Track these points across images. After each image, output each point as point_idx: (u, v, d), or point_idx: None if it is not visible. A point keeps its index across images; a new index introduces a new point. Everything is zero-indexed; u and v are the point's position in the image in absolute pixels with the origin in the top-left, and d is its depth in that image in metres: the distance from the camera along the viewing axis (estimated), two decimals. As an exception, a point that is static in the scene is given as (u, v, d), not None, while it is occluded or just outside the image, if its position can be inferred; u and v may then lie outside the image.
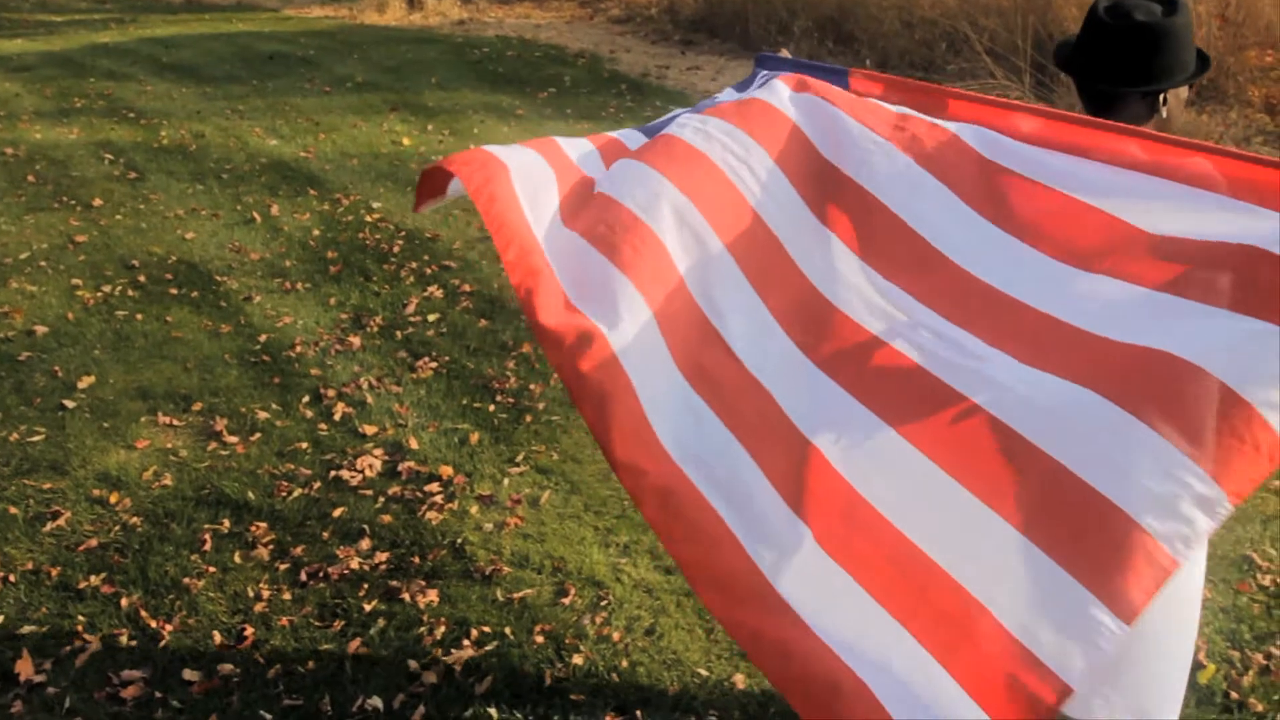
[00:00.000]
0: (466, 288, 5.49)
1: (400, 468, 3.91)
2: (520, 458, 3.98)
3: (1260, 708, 2.85)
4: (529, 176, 2.00)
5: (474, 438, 4.11)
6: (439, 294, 5.42)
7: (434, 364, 4.69)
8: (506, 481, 3.85)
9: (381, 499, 3.73)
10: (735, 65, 11.98)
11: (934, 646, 1.59)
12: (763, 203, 2.02)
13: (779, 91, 2.19)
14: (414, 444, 4.05)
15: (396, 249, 6.05)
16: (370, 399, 4.39)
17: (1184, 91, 2.14)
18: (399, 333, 5.00)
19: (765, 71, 2.34)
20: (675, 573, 3.34)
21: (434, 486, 3.80)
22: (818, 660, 1.59)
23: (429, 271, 5.72)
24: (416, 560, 3.42)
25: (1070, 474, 1.59)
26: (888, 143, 2.03)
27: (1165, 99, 2.10)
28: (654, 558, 3.42)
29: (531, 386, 4.48)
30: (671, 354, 1.84)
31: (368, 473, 3.88)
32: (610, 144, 2.22)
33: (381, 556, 3.43)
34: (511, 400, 4.39)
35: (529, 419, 4.24)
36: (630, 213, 1.94)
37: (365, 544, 3.49)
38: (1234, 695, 2.88)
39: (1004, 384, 1.72)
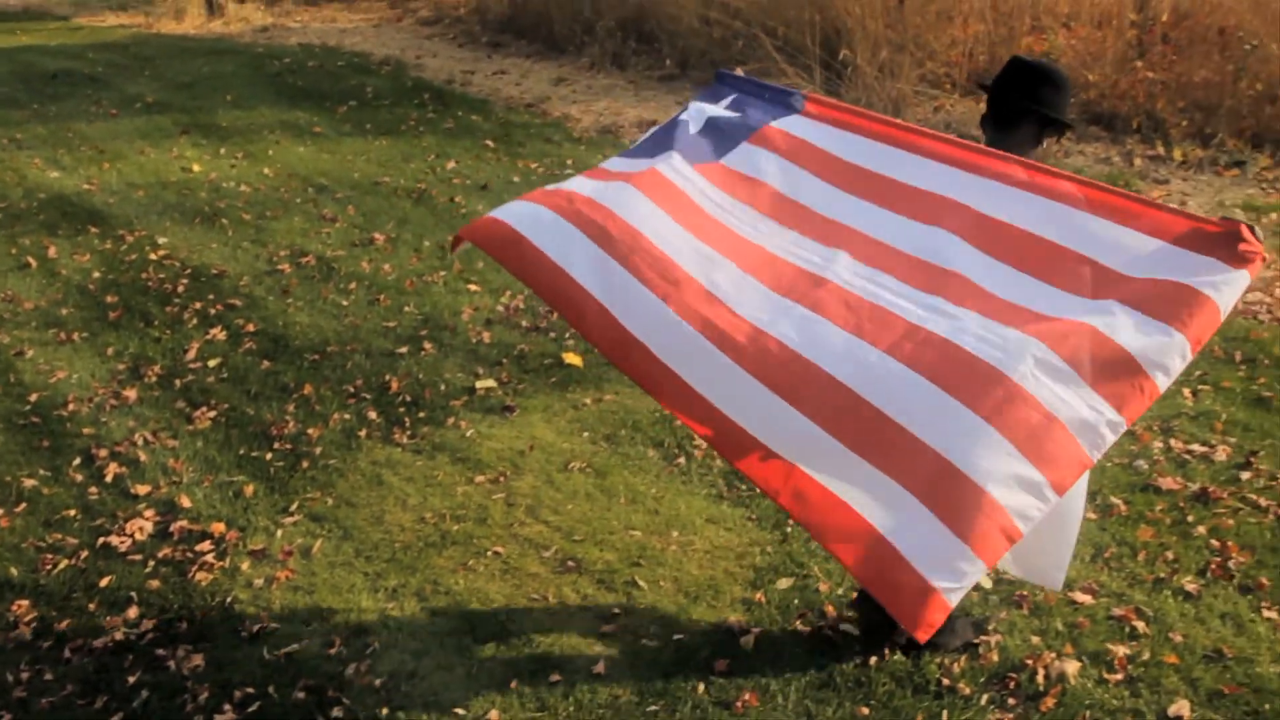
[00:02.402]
0: (250, 327, 5.49)
1: (172, 528, 3.94)
2: (294, 506, 4.06)
3: (968, 690, 3.19)
4: (549, 233, 2.64)
5: (249, 490, 4.16)
6: (222, 336, 5.41)
7: (213, 413, 4.70)
8: (280, 533, 3.92)
9: (151, 563, 3.76)
10: (540, 68, 12.09)
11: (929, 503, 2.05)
12: (740, 221, 2.66)
13: (752, 157, 2.78)
14: (187, 502, 4.08)
15: (181, 288, 5.99)
16: (144, 456, 4.38)
17: (1046, 142, 2.94)
18: (178, 381, 4.98)
19: (728, 90, 2.98)
20: (440, 614, 3.50)
21: (206, 545, 3.84)
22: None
23: (213, 312, 5.68)
24: (184, 625, 3.47)
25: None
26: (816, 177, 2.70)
27: (1044, 141, 2.89)
28: (420, 599, 3.57)
29: (310, 431, 4.54)
30: (695, 328, 2.43)
31: (138, 536, 3.90)
32: (616, 177, 2.82)
33: (149, 624, 3.47)
34: (289, 446, 4.45)
35: (306, 465, 4.32)
36: (648, 240, 2.55)
37: (133, 612, 3.52)
38: (945, 681, 3.21)
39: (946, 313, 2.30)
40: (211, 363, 5.13)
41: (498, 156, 8.53)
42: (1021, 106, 2.86)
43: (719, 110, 2.91)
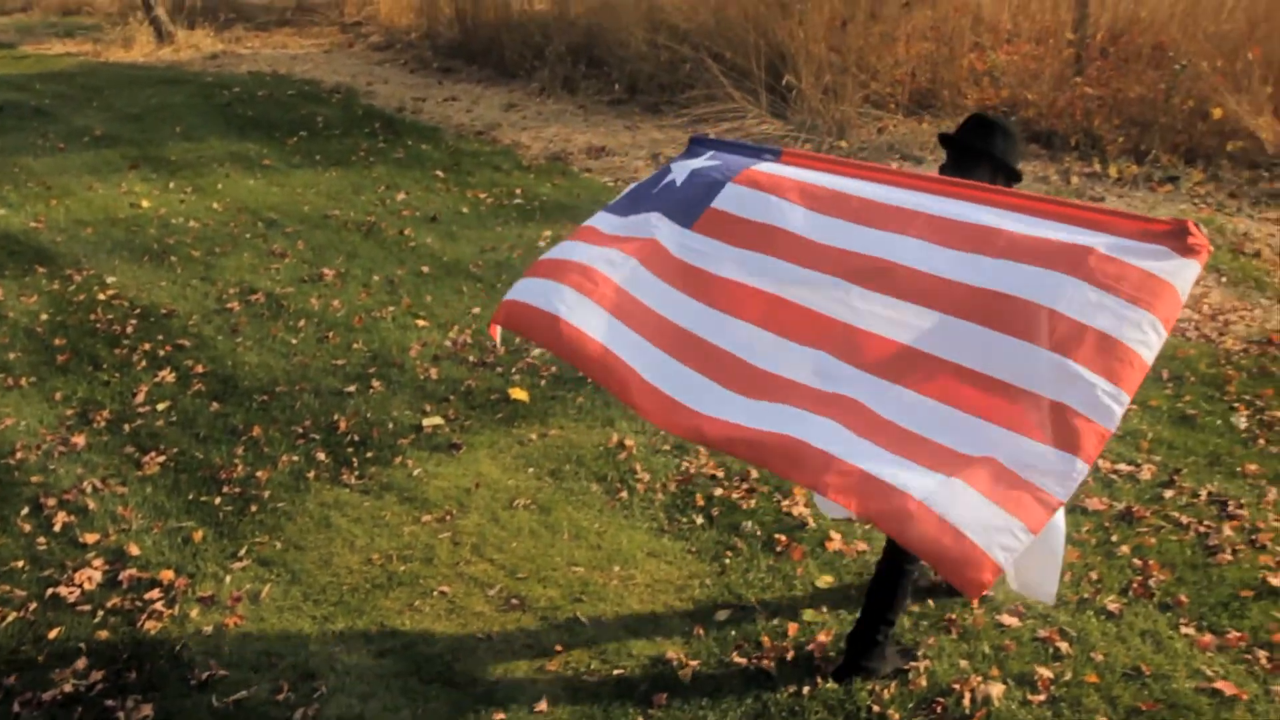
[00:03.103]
0: (200, 368, 5.54)
1: (121, 576, 3.98)
2: (243, 551, 4.12)
3: (897, 716, 3.31)
4: (558, 303, 2.88)
5: (197, 535, 4.21)
6: (171, 378, 5.45)
7: (161, 457, 4.75)
8: (228, 579, 3.98)
9: (100, 613, 3.81)
10: (491, 94, 12.18)
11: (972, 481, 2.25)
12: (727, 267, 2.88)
13: (739, 195, 2.97)
14: (135, 550, 4.13)
15: (130, 329, 6.02)
16: (93, 504, 4.42)
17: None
18: (127, 425, 5.02)
19: (703, 148, 3.22)
20: (387, 655, 3.57)
21: (155, 593, 3.89)
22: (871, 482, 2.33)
23: (162, 353, 5.72)
24: (134, 674, 3.52)
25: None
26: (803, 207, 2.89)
27: (996, 181, 3.15)
28: (367, 641, 3.64)
29: (259, 473, 4.60)
30: (680, 360, 2.73)
31: (87, 586, 3.94)
32: (612, 242, 3.03)
33: (98, 675, 3.52)
34: (238, 490, 4.50)
35: (254, 508, 4.38)
36: (639, 300, 2.86)
37: (81, 663, 3.57)
38: (876, 708, 3.33)
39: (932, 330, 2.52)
40: (160, 406, 5.17)
41: (447, 187, 8.62)
42: (979, 153, 3.18)
43: (700, 163, 3.13)
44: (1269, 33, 9.83)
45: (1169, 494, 4.45)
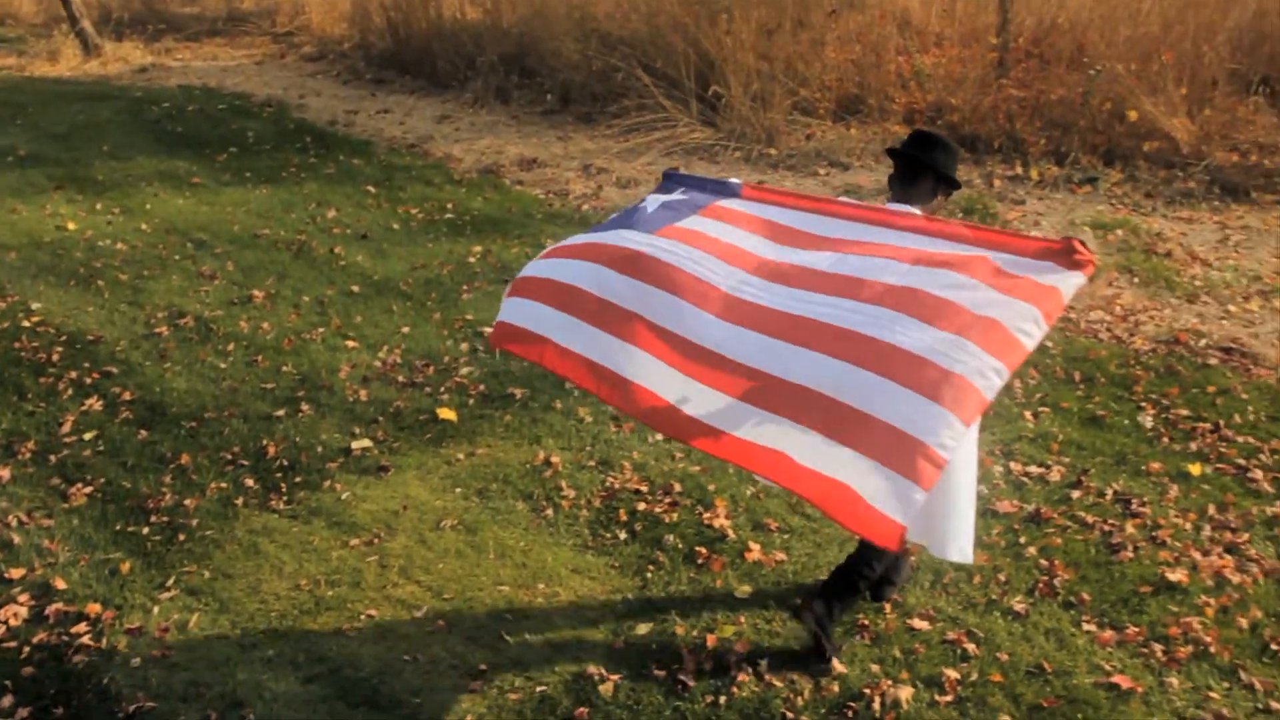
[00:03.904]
0: (127, 395, 5.53)
1: (48, 611, 4.00)
2: (171, 581, 4.15)
3: (811, 722, 3.44)
4: (546, 325, 3.21)
5: (125, 567, 4.23)
6: (98, 406, 5.44)
7: (89, 488, 4.75)
8: (156, 610, 4.01)
9: (26, 649, 3.82)
10: (424, 105, 12.20)
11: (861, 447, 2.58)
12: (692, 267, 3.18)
13: (702, 224, 3.35)
14: (62, 584, 4.14)
15: (56, 357, 5.99)
16: (18, 538, 4.42)
17: (940, 198, 3.56)
18: (53, 456, 5.01)
19: (676, 185, 3.62)
20: (314, 681, 3.63)
21: (82, 627, 3.91)
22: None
23: (89, 381, 5.71)
24: (61, 710, 3.55)
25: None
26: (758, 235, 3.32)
27: (939, 195, 3.53)
28: (295, 668, 3.70)
29: (187, 502, 4.62)
30: (659, 358, 3.01)
31: (12, 622, 3.94)
32: (574, 250, 3.36)
33: (24, 712, 3.54)
34: (166, 519, 4.53)
35: (182, 537, 4.40)
36: (618, 306, 3.15)
37: (7, 701, 3.58)
38: (790, 715, 3.45)
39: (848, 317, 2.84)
40: (87, 435, 5.17)
41: (378, 203, 8.64)
42: (922, 165, 3.51)
43: (672, 198, 3.54)
44: (1181, 36, 10.15)
45: (1076, 494, 4.63)
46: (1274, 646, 3.72)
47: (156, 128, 11.19)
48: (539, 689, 3.55)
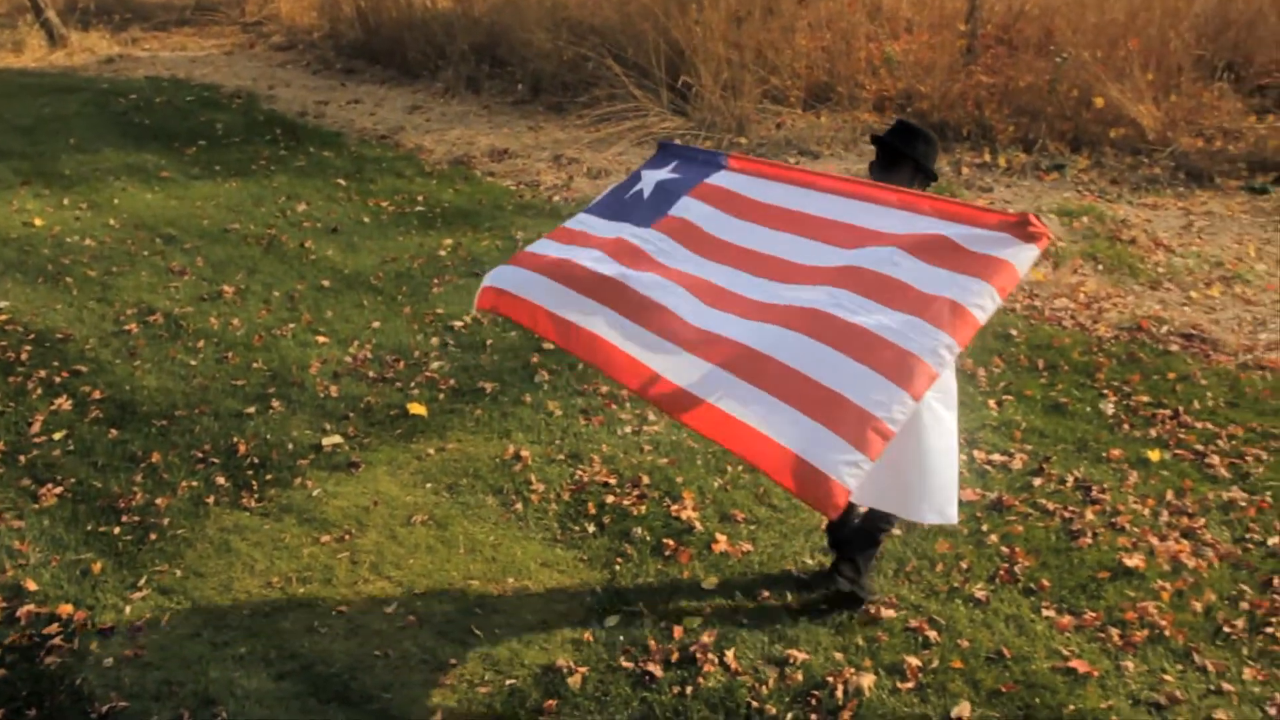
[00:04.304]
0: (97, 394, 5.53)
1: (20, 613, 4.01)
2: (142, 581, 4.17)
3: (774, 710, 3.50)
4: (534, 286, 3.43)
5: (96, 567, 4.25)
6: (68, 405, 5.44)
7: (59, 489, 4.76)
8: (128, 609, 4.03)
9: (-2, 650, 3.84)
10: (395, 95, 12.16)
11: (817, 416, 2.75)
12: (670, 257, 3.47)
13: (690, 208, 3.58)
14: (33, 585, 4.15)
15: (25, 356, 5.97)
16: (-12, 539, 4.43)
17: (917, 187, 3.65)
18: (23, 457, 5.01)
19: (669, 156, 3.83)
20: (286, 678, 3.67)
21: (54, 628, 3.93)
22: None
23: (58, 380, 5.70)
24: (34, 712, 3.57)
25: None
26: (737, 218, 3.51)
27: (916, 185, 3.64)
28: (267, 665, 3.73)
29: (158, 501, 4.64)
30: (641, 325, 3.22)
31: (-17, 624, 3.96)
32: (576, 236, 3.63)
33: (-4, 713, 3.56)
34: (137, 518, 4.54)
35: (154, 537, 4.42)
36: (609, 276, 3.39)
37: (-21, 702, 3.61)
38: (754, 704, 3.52)
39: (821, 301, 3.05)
40: (57, 435, 5.17)
41: (349, 195, 8.63)
42: (902, 155, 3.65)
43: (665, 174, 3.74)
44: (1147, 23, 10.25)
45: (1038, 482, 4.72)
46: (1227, 629, 3.82)
47: (124, 120, 11.12)
48: (508, 682, 3.60)
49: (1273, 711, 3.46)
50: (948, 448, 3.50)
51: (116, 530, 4.48)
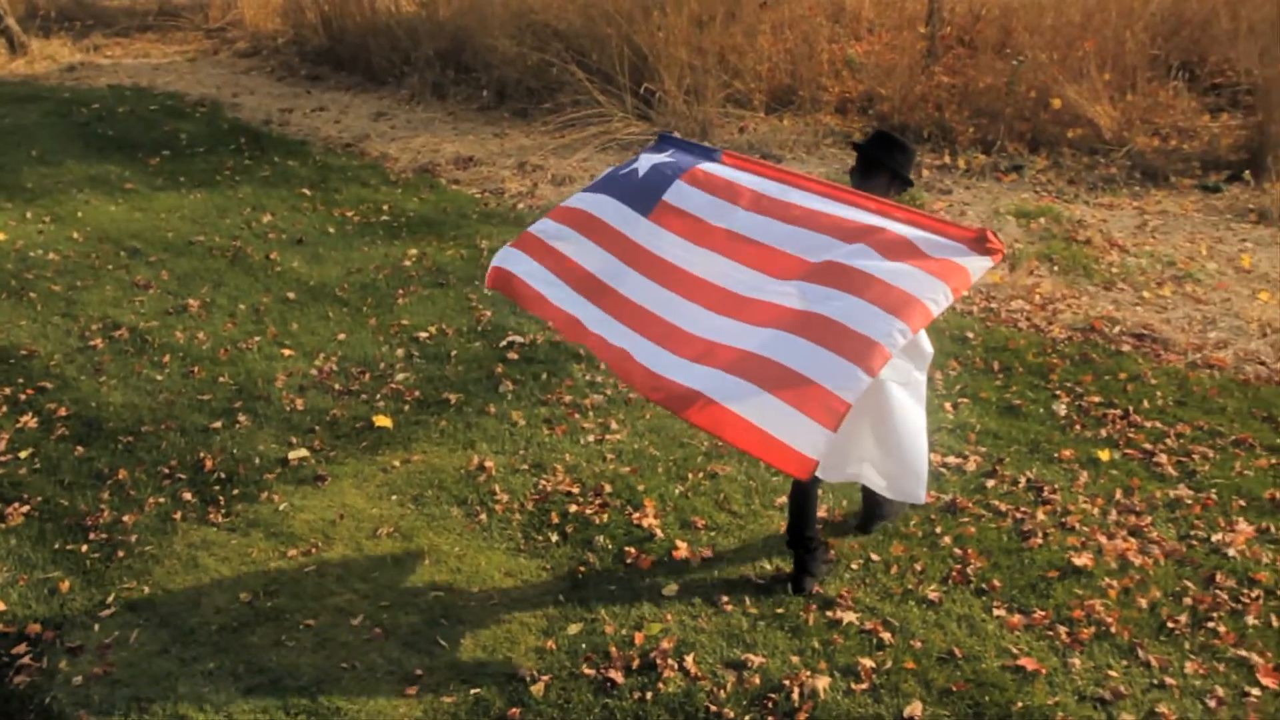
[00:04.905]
0: (63, 411, 5.56)
1: (-13, 632, 4.05)
2: (111, 599, 4.22)
3: (732, 714, 3.60)
4: (540, 279, 3.83)
5: (65, 585, 4.29)
6: (33, 423, 5.46)
7: (26, 507, 4.79)
8: (97, 627, 4.08)
9: (-34, 670, 3.88)
10: (360, 102, 12.18)
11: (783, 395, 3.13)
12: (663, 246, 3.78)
13: (683, 192, 3.85)
14: (1, 605, 4.19)
15: (-11, 373, 5.99)
16: (-45, 560, 4.46)
17: (894, 193, 3.93)
18: (-11, 475, 5.04)
19: (667, 145, 4.11)
20: (254, 692, 3.73)
21: (22, 647, 3.98)
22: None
23: (24, 397, 5.72)
24: (2, 730, 3.62)
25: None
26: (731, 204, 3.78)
27: (893, 192, 3.93)
28: (235, 679, 3.79)
29: (125, 518, 4.68)
30: (615, 318, 3.64)
31: (-49, 644, 4.00)
32: (576, 217, 3.96)
33: (-34, 733, 3.60)
34: (105, 536, 4.58)
35: (122, 554, 4.47)
36: (593, 274, 3.80)
37: (-52, 723, 3.65)
38: (713, 708, 3.61)
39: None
40: (23, 454, 5.19)
41: (314, 205, 8.66)
42: (880, 163, 3.94)
43: (661, 159, 4.01)
44: (1103, 24, 10.42)
45: (991, 483, 4.84)
46: (1170, 625, 3.95)
47: (87, 130, 11.08)
48: (473, 691, 3.68)
49: (1213, 704, 3.59)
50: (918, 430, 3.87)
51: (84, 548, 4.52)
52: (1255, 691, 3.63)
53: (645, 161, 4.03)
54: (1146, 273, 7.31)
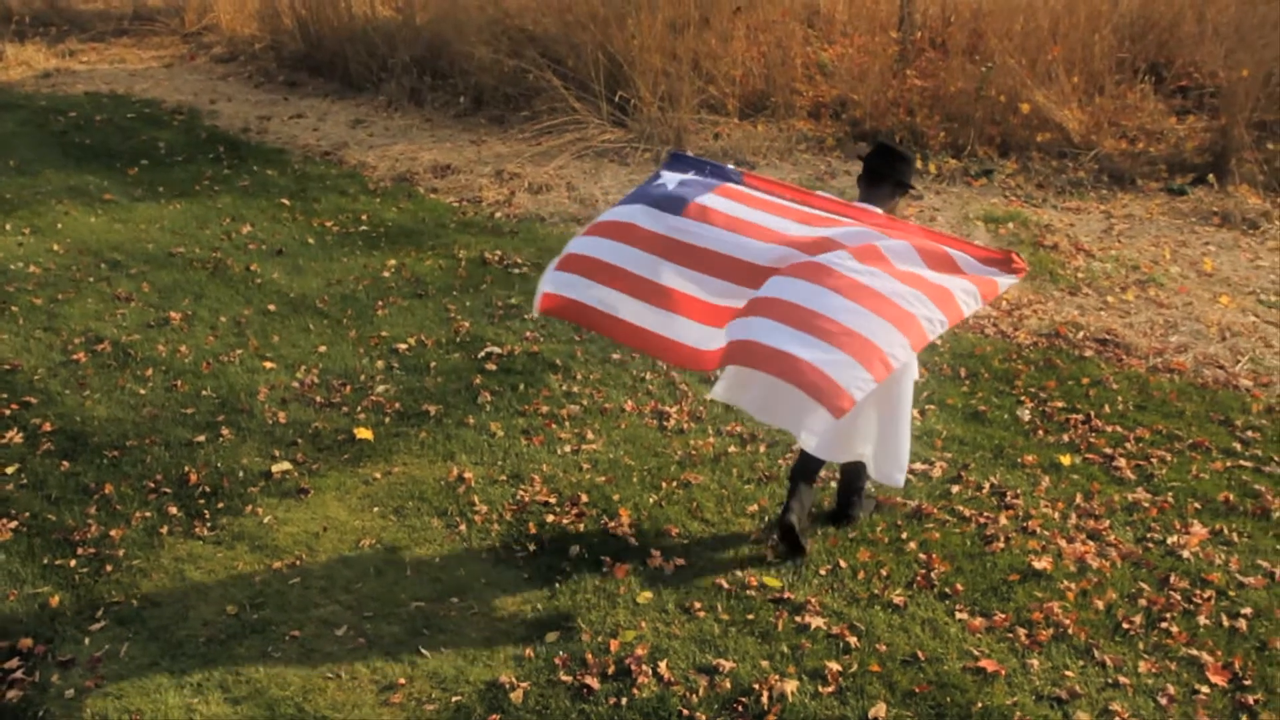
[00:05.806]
0: (48, 426, 5.64)
1: (-21, 647, 4.15)
2: (100, 613, 4.32)
3: (704, 718, 3.74)
4: (593, 296, 4.01)
5: (54, 600, 4.39)
6: (19, 439, 5.55)
7: (13, 523, 4.88)
8: (88, 641, 4.18)
9: (-41, 685, 3.97)
10: (339, 109, 12.25)
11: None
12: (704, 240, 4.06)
13: (715, 199, 4.15)
14: (-9, 619, 4.29)
15: (-27, 388, 6.06)
16: (-55, 576, 4.55)
17: (901, 203, 4.49)
18: (-24, 491, 5.12)
19: (684, 163, 4.38)
20: (242, 702, 3.85)
21: (14, 662, 4.07)
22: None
23: (8, 412, 5.80)
24: (-4, 743, 3.72)
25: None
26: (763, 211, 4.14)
27: (898, 198, 4.39)
28: (223, 691, 3.91)
29: (112, 532, 4.78)
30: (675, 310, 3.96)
31: (-56, 660, 4.09)
32: (612, 229, 4.14)
33: (-40, 747, 3.71)
34: (93, 550, 4.68)
35: (109, 568, 4.57)
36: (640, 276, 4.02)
37: (-57, 737, 3.75)
38: (685, 711, 3.75)
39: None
40: (9, 469, 5.28)
41: (293, 216, 8.75)
42: (883, 174, 4.33)
43: (686, 177, 4.28)
44: (1071, 27, 10.61)
45: (956, 489, 5.01)
46: (1125, 625, 4.11)
47: (64, 140, 11.11)
48: (454, 699, 3.81)
49: (1164, 701, 3.76)
50: (906, 417, 4.31)
51: (72, 563, 4.61)
52: (1205, 689, 3.80)
53: (671, 178, 4.28)
54: (1111, 277, 7.49)
